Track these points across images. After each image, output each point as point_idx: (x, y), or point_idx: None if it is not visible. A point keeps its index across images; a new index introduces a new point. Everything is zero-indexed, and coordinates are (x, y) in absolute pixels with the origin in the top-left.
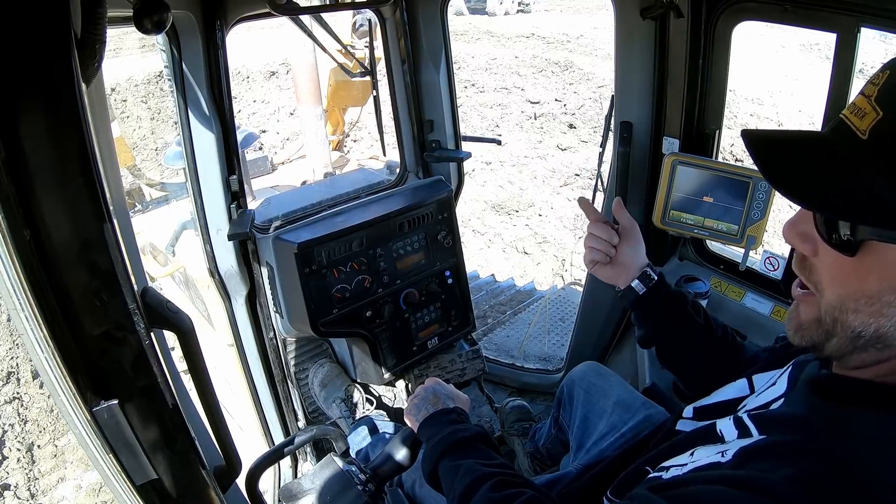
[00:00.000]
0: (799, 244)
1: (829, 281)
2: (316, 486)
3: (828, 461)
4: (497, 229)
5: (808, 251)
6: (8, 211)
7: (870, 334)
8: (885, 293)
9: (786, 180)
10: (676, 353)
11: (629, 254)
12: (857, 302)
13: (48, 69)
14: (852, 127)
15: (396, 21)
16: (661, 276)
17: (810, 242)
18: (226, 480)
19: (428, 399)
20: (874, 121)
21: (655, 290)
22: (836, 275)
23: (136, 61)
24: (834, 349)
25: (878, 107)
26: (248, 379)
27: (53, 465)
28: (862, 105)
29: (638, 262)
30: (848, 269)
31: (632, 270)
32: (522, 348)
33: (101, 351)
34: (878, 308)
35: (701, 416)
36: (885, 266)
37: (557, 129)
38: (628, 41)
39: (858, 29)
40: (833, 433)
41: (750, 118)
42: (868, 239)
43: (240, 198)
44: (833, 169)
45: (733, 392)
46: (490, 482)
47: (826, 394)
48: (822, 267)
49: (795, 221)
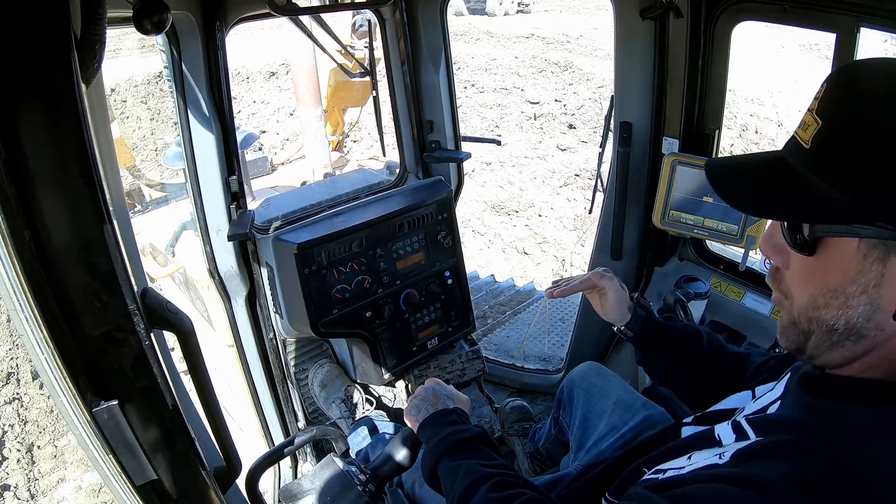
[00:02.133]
0: (774, 256)
1: (800, 284)
2: (316, 486)
3: (823, 458)
4: (497, 230)
5: (782, 262)
6: (8, 212)
7: (842, 327)
8: (846, 285)
9: (735, 195)
10: (681, 380)
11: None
12: (826, 297)
13: (48, 70)
14: (799, 140)
15: (396, 21)
16: (645, 317)
17: (783, 254)
18: (226, 481)
19: (428, 399)
20: (815, 131)
21: (645, 326)
22: (804, 276)
23: (136, 62)
24: (814, 347)
25: (819, 118)
26: (247, 379)
27: (53, 465)
28: (807, 119)
29: (624, 307)
30: (812, 268)
31: (620, 313)
32: (522, 349)
33: (101, 352)
34: (844, 300)
35: (702, 422)
36: (841, 259)
37: (557, 129)
38: (628, 41)
39: (858, 29)
40: (827, 431)
41: (750, 118)
42: (822, 236)
43: (239, 198)
44: (782, 179)
45: (736, 402)
46: (490, 483)
47: (818, 391)
48: (792, 274)
49: (769, 235)
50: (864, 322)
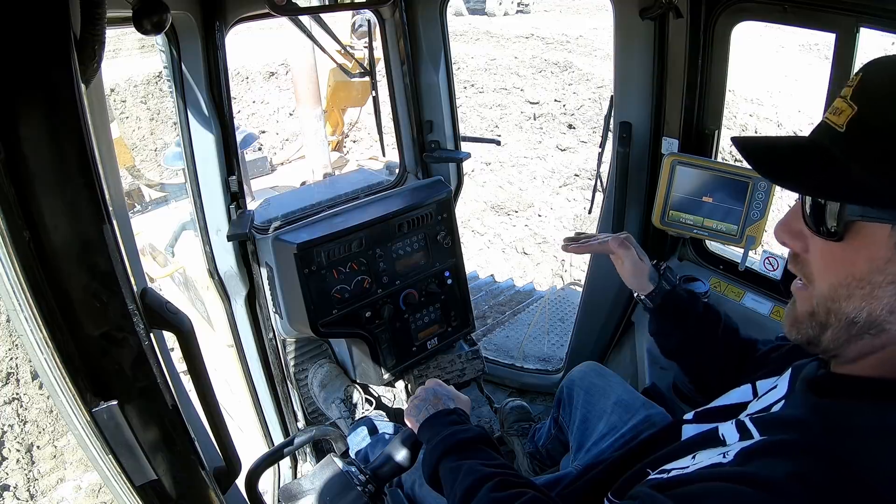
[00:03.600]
0: (790, 241)
1: (820, 271)
2: (316, 486)
3: (827, 457)
4: (496, 230)
5: (799, 248)
6: (7, 212)
7: (863, 319)
8: (873, 274)
9: (778, 173)
10: (690, 358)
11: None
12: (849, 287)
13: (47, 70)
14: (832, 124)
15: (396, 22)
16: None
17: (800, 239)
18: (225, 481)
19: (429, 400)
20: (850, 115)
21: (667, 299)
22: (827, 263)
23: (136, 62)
24: (829, 341)
25: (854, 103)
26: (247, 380)
27: (53, 465)
28: (839, 105)
29: (642, 277)
30: (837, 255)
31: (638, 283)
32: (522, 349)
33: (101, 352)
34: (869, 290)
35: (703, 419)
36: (871, 246)
37: (557, 129)
38: (627, 41)
39: (857, 29)
40: (832, 430)
41: (749, 118)
42: (854, 220)
43: (239, 198)
44: (817, 160)
45: (737, 397)
46: (491, 483)
47: (824, 392)
48: (813, 260)
49: (786, 221)
50: (888, 315)
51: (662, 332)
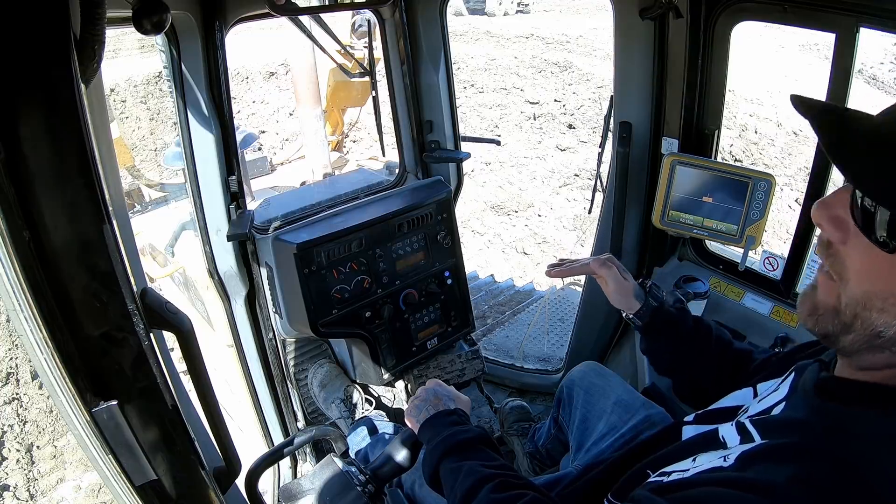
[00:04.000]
0: (829, 228)
1: (857, 273)
2: (315, 486)
3: (830, 461)
4: (496, 230)
5: (838, 238)
6: (7, 212)
7: (890, 335)
8: None
9: (854, 170)
10: (684, 373)
11: (612, 296)
12: (886, 301)
13: (47, 70)
14: None
15: (396, 22)
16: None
17: (841, 230)
18: (225, 481)
19: (429, 400)
20: None
21: (655, 317)
22: (867, 269)
23: (136, 62)
24: (848, 344)
25: None
26: (247, 380)
27: (53, 465)
28: None
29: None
30: (882, 266)
31: (624, 302)
32: (522, 349)
33: (101, 352)
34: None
35: (703, 420)
36: None
37: (557, 129)
38: (627, 41)
39: (857, 29)
40: (834, 433)
41: (749, 118)
42: None
43: (239, 198)
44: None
45: (737, 399)
46: (492, 483)
47: (827, 395)
48: (850, 257)
49: (829, 203)
50: None
51: (653, 350)
